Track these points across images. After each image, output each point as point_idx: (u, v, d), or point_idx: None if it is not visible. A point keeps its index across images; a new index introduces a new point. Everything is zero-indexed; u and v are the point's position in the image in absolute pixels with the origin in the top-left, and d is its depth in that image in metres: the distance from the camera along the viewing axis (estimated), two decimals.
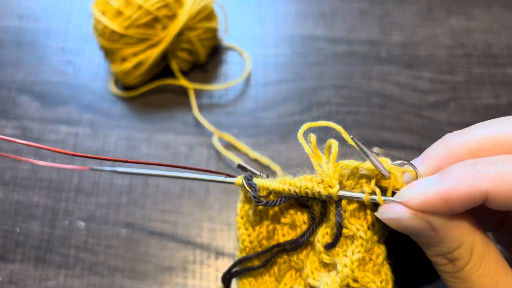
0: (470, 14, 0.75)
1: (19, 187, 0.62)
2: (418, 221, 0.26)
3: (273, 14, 0.75)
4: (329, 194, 0.30)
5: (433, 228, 0.26)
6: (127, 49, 0.62)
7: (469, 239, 0.26)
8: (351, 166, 0.31)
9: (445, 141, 0.29)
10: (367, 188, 0.29)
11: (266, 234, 0.35)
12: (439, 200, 0.25)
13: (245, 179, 0.33)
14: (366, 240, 0.29)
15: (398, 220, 0.27)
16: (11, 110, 0.67)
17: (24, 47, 0.72)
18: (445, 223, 0.26)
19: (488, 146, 0.27)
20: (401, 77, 0.70)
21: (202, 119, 0.65)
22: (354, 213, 0.29)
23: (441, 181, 0.26)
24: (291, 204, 0.34)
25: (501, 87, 0.69)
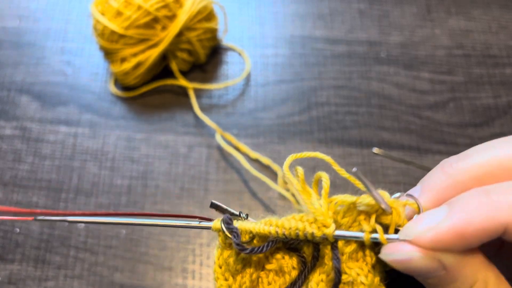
0: (469, 15, 0.75)
1: (18, 188, 0.62)
2: (429, 261, 0.23)
3: (272, 14, 0.75)
4: (324, 235, 0.25)
5: (444, 267, 0.23)
6: (127, 49, 0.62)
7: (482, 277, 0.24)
8: (347, 202, 0.26)
9: (445, 168, 0.26)
10: (366, 226, 0.25)
11: (249, 284, 0.30)
12: (454, 236, 0.22)
13: (224, 223, 0.29)
14: (368, 286, 0.25)
15: (407, 262, 0.24)
16: (11, 111, 0.67)
17: (24, 47, 0.72)
18: (458, 261, 0.23)
19: (493, 171, 0.25)
20: (400, 77, 0.70)
21: (204, 117, 0.65)
22: (352, 255, 0.26)
23: (453, 214, 0.23)
24: (277, 247, 0.30)
25: (500, 88, 0.69)
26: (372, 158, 0.64)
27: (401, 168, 0.63)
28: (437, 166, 0.27)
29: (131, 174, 0.62)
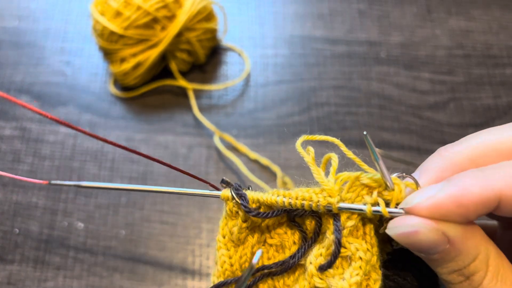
0: (469, 15, 0.75)
1: (18, 188, 0.62)
2: (434, 233, 0.24)
3: (272, 15, 0.75)
4: (329, 205, 0.27)
5: (449, 240, 0.24)
6: (126, 49, 0.62)
7: (484, 249, 0.25)
8: (352, 177, 0.28)
9: (441, 152, 0.28)
10: (369, 199, 0.26)
11: (250, 255, 0.31)
12: (452, 204, 0.23)
13: (234, 189, 0.30)
14: (366, 262, 0.26)
15: (413, 235, 0.25)
16: (10, 111, 0.67)
17: (23, 47, 0.72)
18: (461, 233, 0.24)
19: (487, 152, 0.26)
20: (400, 77, 0.70)
21: (203, 119, 0.65)
22: (353, 231, 0.27)
23: (451, 185, 0.24)
24: (280, 222, 0.31)
25: (500, 88, 0.69)
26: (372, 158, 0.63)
27: (401, 168, 0.63)
28: (434, 152, 0.29)
29: (130, 175, 0.62)
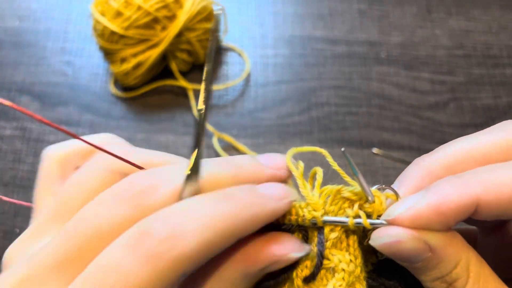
0: (469, 15, 0.75)
1: (18, 188, 0.62)
2: (416, 242, 0.25)
3: (272, 15, 0.75)
4: (313, 218, 0.27)
5: (430, 249, 0.25)
6: (127, 49, 0.62)
7: (464, 256, 0.25)
8: (333, 190, 0.29)
9: (418, 162, 0.29)
10: (350, 212, 0.27)
11: None
12: (431, 212, 0.24)
13: None
14: (349, 273, 0.27)
15: (396, 244, 0.25)
16: (11, 111, 0.67)
17: (24, 47, 0.72)
18: (442, 240, 0.25)
19: (463, 159, 0.27)
20: (400, 77, 0.70)
21: None
22: (337, 243, 0.28)
23: (430, 194, 0.24)
24: None
25: (500, 88, 0.69)
26: (372, 158, 0.63)
27: (401, 168, 0.63)
28: (411, 163, 0.29)
29: None
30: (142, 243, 0.21)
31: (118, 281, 0.20)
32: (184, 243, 0.21)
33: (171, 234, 0.21)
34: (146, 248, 0.21)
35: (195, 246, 0.21)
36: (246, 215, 0.23)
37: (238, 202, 0.23)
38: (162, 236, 0.21)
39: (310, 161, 0.60)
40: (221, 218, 0.22)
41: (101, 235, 0.22)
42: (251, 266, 0.25)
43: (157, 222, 0.22)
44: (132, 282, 0.20)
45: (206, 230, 0.22)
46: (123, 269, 0.20)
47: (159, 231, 0.21)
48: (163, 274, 0.20)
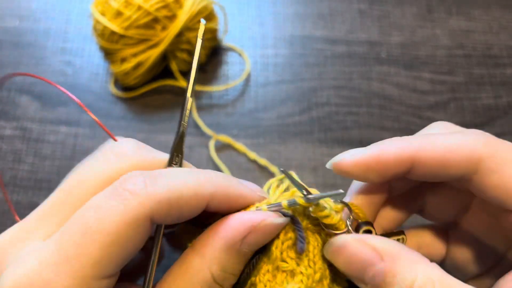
0: (469, 15, 0.75)
1: (18, 188, 0.62)
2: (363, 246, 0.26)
3: (272, 15, 0.75)
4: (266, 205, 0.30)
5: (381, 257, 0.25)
6: (127, 49, 0.62)
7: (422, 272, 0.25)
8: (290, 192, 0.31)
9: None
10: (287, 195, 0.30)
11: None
12: (371, 160, 0.27)
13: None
14: (307, 276, 0.28)
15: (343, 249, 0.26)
16: (11, 111, 0.67)
17: (24, 47, 0.72)
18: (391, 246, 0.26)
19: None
20: (400, 77, 0.70)
21: (200, 122, 0.65)
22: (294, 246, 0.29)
23: (372, 146, 0.28)
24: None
25: (500, 88, 0.69)
26: None
27: None
28: None
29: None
30: (122, 185, 0.24)
31: (95, 217, 0.23)
32: (155, 188, 0.24)
33: (145, 180, 0.24)
34: (123, 188, 0.24)
35: (164, 193, 0.24)
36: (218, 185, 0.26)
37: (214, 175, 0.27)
38: (138, 180, 0.24)
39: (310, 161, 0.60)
40: (197, 182, 0.25)
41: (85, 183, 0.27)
42: (230, 237, 0.26)
43: (137, 172, 0.25)
44: (107, 217, 0.23)
45: (179, 184, 0.25)
46: (102, 207, 0.24)
47: (138, 176, 0.25)
48: (133, 211, 0.23)
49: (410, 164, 0.27)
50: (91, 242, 0.23)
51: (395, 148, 0.27)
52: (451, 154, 0.26)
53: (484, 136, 0.27)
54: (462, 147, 0.26)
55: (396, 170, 0.27)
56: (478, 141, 0.27)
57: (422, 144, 0.27)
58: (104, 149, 0.28)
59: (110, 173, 0.27)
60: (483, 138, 0.27)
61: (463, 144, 0.27)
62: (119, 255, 0.24)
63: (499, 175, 0.26)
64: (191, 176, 0.26)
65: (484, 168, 0.26)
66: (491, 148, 0.26)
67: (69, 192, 0.28)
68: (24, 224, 0.27)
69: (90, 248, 0.23)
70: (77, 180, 0.28)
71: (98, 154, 0.28)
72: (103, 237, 0.23)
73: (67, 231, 0.24)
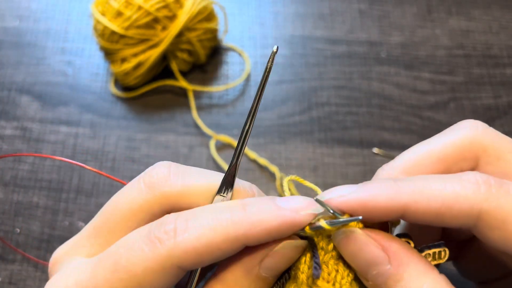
0: (469, 15, 0.75)
1: (19, 188, 0.62)
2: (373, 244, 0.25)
3: (273, 15, 0.75)
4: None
5: (389, 259, 0.25)
6: (127, 49, 0.62)
7: (429, 282, 0.24)
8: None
9: (378, 172, 0.30)
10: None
11: None
12: (358, 205, 0.25)
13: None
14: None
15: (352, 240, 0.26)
16: (11, 111, 0.67)
17: (24, 47, 0.72)
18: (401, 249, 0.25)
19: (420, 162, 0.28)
20: (400, 77, 0.70)
21: (201, 122, 0.65)
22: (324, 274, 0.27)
23: (362, 189, 0.26)
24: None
25: (500, 88, 0.69)
26: (372, 158, 0.63)
27: None
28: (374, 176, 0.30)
29: (131, 175, 0.62)
30: (154, 231, 0.25)
31: (126, 258, 0.25)
32: (183, 237, 0.24)
33: (176, 227, 0.25)
34: (154, 235, 0.25)
35: (192, 242, 0.24)
36: (253, 223, 0.25)
37: (248, 210, 0.25)
38: (169, 227, 0.25)
39: (310, 161, 0.61)
40: (226, 223, 0.24)
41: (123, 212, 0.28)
42: (247, 261, 0.26)
43: (172, 216, 0.26)
44: (136, 260, 0.24)
45: (208, 230, 0.24)
46: (133, 249, 0.25)
47: (170, 223, 0.25)
48: (160, 259, 0.24)
49: (400, 214, 0.25)
50: (118, 280, 0.24)
51: (384, 197, 0.25)
52: (446, 208, 0.24)
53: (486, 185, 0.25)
54: (460, 200, 0.24)
55: (385, 217, 0.26)
56: (478, 193, 0.24)
57: (414, 195, 0.25)
58: (138, 178, 0.29)
59: (141, 203, 0.28)
60: (484, 188, 0.24)
61: (461, 197, 0.24)
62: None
63: (500, 231, 0.24)
64: (221, 217, 0.25)
65: (485, 223, 0.24)
66: (493, 201, 0.24)
67: (107, 218, 0.29)
68: (75, 240, 0.30)
69: (117, 285, 0.24)
70: (113, 207, 0.29)
71: (134, 181, 0.29)
72: (130, 278, 0.24)
73: (102, 262, 0.26)
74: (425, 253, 0.28)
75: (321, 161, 0.63)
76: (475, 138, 0.28)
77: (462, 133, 0.28)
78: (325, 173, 0.62)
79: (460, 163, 0.28)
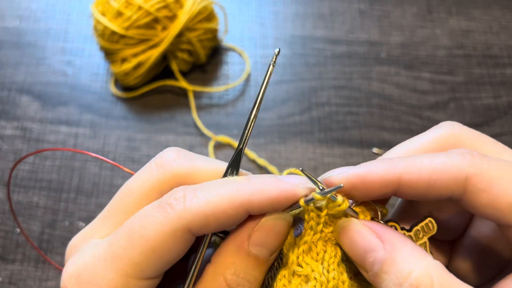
0: (469, 15, 0.75)
1: (19, 188, 0.62)
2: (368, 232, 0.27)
3: (273, 15, 0.75)
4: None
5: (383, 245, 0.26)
6: (127, 49, 0.62)
7: (423, 264, 0.25)
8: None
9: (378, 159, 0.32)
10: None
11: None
12: (357, 179, 0.27)
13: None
14: (321, 283, 0.28)
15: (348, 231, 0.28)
16: (11, 111, 0.67)
17: (24, 47, 0.72)
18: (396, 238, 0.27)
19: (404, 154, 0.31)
20: (400, 77, 0.70)
21: (200, 123, 0.65)
22: (312, 253, 0.29)
23: (360, 166, 0.28)
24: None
25: (500, 88, 0.69)
26: (372, 158, 0.63)
27: None
28: None
29: (131, 175, 0.62)
30: (165, 199, 0.27)
31: (140, 224, 0.26)
32: (192, 202, 0.26)
33: (185, 194, 0.27)
34: (166, 202, 0.26)
35: (201, 206, 0.26)
36: (256, 190, 0.27)
37: (252, 181, 0.27)
38: (179, 195, 0.27)
39: (310, 161, 0.61)
40: (232, 190, 0.27)
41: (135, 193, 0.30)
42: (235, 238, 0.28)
43: (182, 187, 0.27)
44: (149, 226, 0.26)
45: (215, 196, 0.26)
46: (146, 217, 0.26)
47: (180, 191, 0.27)
48: (171, 222, 0.26)
49: (395, 186, 0.27)
50: (133, 246, 0.26)
51: (380, 170, 0.27)
52: (437, 176, 0.27)
53: (470, 154, 0.27)
54: (448, 168, 0.27)
55: (382, 191, 0.28)
56: (463, 161, 0.27)
57: (407, 167, 0.27)
58: (150, 161, 0.31)
59: (152, 183, 0.30)
60: (469, 157, 0.27)
61: (448, 164, 0.27)
62: (158, 260, 0.26)
63: (487, 193, 0.26)
64: (227, 186, 0.27)
65: (472, 187, 0.26)
66: (477, 167, 0.26)
67: (120, 199, 0.31)
68: (90, 225, 0.32)
69: (132, 251, 0.26)
70: (126, 189, 0.31)
71: (146, 165, 0.31)
72: (144, 243, 0.26)
73: (118, 233, 0.27)
74: (414, 229, 0.30)
75: (321, 161, 0.63)
76: (452, 132, 0.31)
77: (440, 130, 0.31)
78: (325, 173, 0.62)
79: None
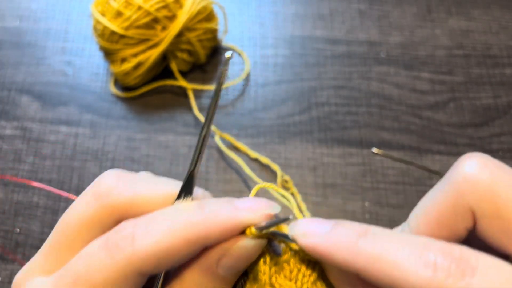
0: (469, 15, 0.75)
1: (19, 187, 0.62)
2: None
3: (272, 15, 0.75)
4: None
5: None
6: (127, 49, 0.63)
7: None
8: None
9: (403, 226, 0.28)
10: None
11: None
12: (315, 252, 0.24)
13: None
14: None
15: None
16: (11, 111, 0.67)
17: (24, 47, 0.72)
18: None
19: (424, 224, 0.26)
20: (400, 77, 0.70)
21: (203, 119, 0.65)
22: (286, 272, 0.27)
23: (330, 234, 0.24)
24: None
25: (500, 88, 0.69)
26: (372, 158, 0.64)
27: (401, 168, 0.63)
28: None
29: None
30: (112, 238, 0.24)
31: (85, 268, 0.24)
32: (142, 242, 0.23)
33: (133, 232, 0.24)
34: (112, 242, 0.24)
35: (151, 247, 0.23)
36: (211, 223, 0.24)
37: (206, 211, 0.24)
38: (126, 233, 0.24)
39: (310, 160, 0.61)
40: (184, 225, 0.24)
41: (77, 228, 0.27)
42: (204, 260, 0.25)
43: (130, 222, 0.25)
44: (95, 269, 0.23)
45: (167, 233, 0.23)
46: (93, 258, 0.24)
47: (127, 228, 0.24)
48: (120, 266, 0.23)
49: (356, 277, 0.23)
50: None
51: (341, 258, 0.23)
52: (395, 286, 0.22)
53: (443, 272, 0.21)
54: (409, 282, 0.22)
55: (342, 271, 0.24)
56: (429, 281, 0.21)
57: (368, 264, 0.22)
58: (86, 190, 0.28)
59: (91, 216, 0.27)
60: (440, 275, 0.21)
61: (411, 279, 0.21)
62: None
63: None
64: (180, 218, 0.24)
65: None
66: None
67: (60, 235, 0.28)
68: (33, 261, 0.29)
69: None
70: (64, 224, 0.28)
71: (82, 194, 0.28)
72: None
73: (63, 276, 0.25)
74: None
75: (320, 161, 0.63)
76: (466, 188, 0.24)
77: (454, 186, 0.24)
78: (324, 173, 0.62)
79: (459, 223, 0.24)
